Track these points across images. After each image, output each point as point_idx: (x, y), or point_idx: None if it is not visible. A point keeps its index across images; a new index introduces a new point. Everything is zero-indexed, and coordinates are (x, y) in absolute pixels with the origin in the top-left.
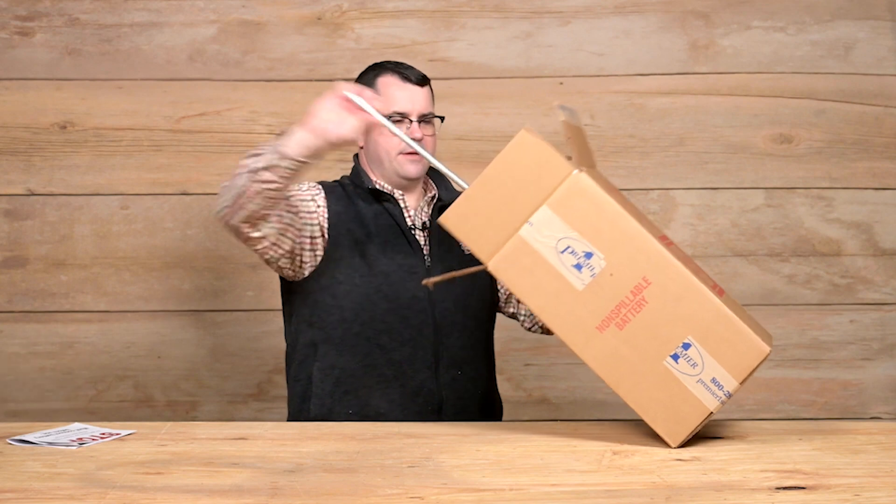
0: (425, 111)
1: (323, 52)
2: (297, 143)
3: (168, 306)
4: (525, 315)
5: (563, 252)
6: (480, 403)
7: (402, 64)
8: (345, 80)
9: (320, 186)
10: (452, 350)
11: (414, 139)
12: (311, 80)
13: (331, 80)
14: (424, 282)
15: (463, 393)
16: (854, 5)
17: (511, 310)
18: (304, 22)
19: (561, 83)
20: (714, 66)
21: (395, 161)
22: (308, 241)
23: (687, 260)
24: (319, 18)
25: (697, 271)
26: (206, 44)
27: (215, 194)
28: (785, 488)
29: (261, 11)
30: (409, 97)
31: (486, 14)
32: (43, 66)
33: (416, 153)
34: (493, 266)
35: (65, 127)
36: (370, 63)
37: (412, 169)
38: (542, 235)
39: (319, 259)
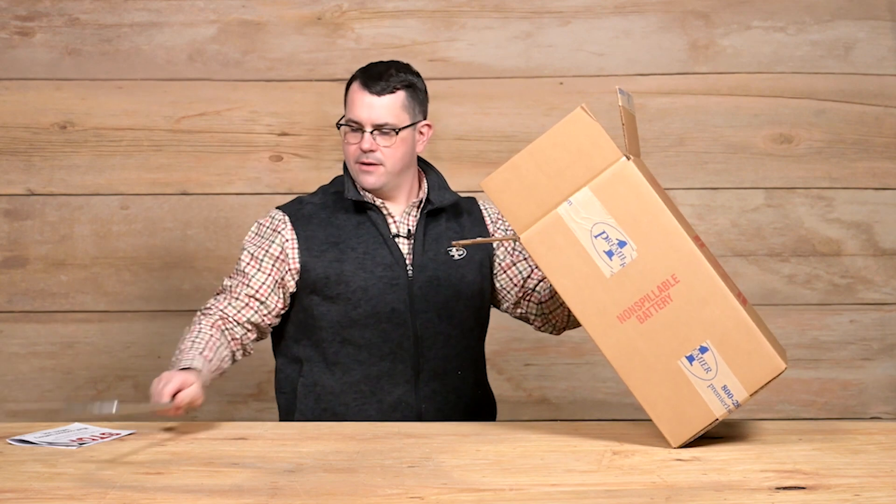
0: (380, 122)
1: (323, 52)
2: None
3: (168, 306)
4: (536, 315)
5: (596, 236)
6: (465, 411)
7: (373, 68)
8: (343, 80)
9: (285, 216)
10: (434, 362)
11: (363, 150)
12: (311, 80)
13: (331, 81)
14: (453, 243)
15: (443, 404)
16: (854, 5)
17: (520, 311)
18: (304, 22)
19: (561, 83)
20: (714, 66)
21: (353, 169)
22: (279, 289)
23: (717, 265)
24: (319, 18)
25: (725, 277)
26: (206, 44)
27: (215, 194)
28: (785, 488)
29: (261, 11)
30: (364, 106)
31: (486, 14)
32: (43, 66)
33: (368, 164)
34: (525, 238)
35: (65, 127)
36: (369, 63)
37: (366, 179)
38: (579, 216)
39: (292, 290)
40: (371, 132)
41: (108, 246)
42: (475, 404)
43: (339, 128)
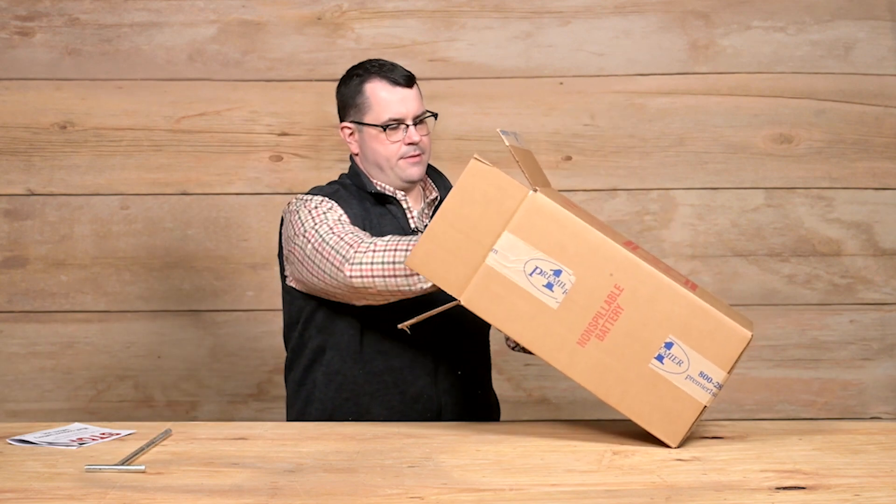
0: (418, 112)
1: (323, 52)
2: None
3: (168, 306)
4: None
5: (531, 274)
6: (479, 406)
7: (385, 65)
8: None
9: (325, 197)
10: (452, 354)
11: (412, 143)
12: (311, 80)
13: (331, 81)
14: (400, 326)
15: (461, 398)
16: (854, 5)
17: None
18: (304, 22)
19: (561, 83)
20: (714, 66)
21: (396, 167)
22: None
23: (655, 261)
24: (319, 18)
25: (667, 270)
26: (206, 44)
27: (215, 194)
28: (785, 488)
29: (261, 11)
30: (400, 101)
31: (486, 14)
32: (43, 66)
33: (417, 156)
34: (465, 300)
35: (65, 127)
36: (362, 63)
37: (414, 171)
38: (508, 261)
39: None
40: (414, 124)
41: (108, 246)
42: (486, 401)
43: (354, 127)
